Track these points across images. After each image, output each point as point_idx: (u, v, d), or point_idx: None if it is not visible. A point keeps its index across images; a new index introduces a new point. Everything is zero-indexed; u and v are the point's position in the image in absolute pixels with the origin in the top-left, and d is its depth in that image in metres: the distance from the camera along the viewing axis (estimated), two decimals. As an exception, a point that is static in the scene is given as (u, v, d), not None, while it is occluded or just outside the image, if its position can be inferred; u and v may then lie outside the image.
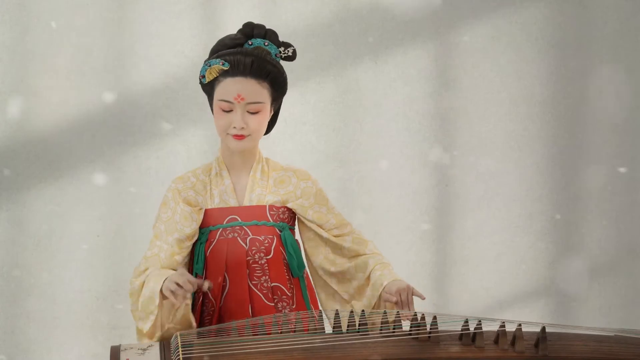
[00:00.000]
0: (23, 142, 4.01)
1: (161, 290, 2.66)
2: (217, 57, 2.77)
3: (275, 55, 2.80)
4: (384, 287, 2.77)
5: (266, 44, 2.79)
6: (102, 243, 4.04)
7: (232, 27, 2.89)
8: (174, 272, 2.70)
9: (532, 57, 4.26)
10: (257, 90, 2.77)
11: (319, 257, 2.92)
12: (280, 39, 2.84)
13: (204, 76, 2.79)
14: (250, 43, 2.79)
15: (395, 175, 4.21)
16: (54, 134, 4.03)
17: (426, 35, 4.19)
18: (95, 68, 4.02)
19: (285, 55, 2.82)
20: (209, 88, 2.81)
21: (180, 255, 2.81)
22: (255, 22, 2.87)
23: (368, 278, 2.85)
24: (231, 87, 2.75)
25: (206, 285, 2.68)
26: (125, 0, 4.02)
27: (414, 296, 2.74)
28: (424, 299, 2.74)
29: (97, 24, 4.01)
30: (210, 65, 2.77)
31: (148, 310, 2.70)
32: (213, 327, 2.68)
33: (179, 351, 2.48)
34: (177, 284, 2.62)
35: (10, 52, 3.98)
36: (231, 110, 2.77)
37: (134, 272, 2.82)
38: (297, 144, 4.12)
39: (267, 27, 2.85)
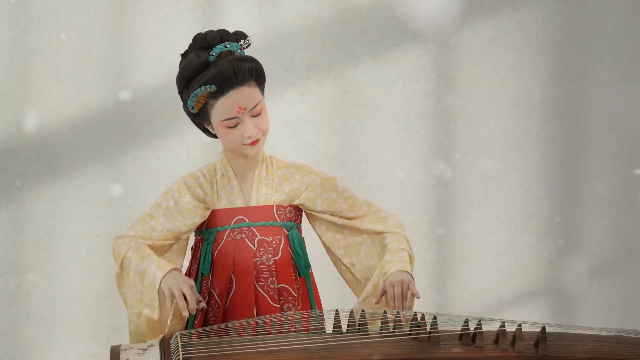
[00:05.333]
0: (23, 142, 4.01)
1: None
2: (196, 84, 2.74)
3: (238, 50, 2.77)
4: (386, 277, 2.74)
5: (227, 45, 2.75)
6: (102, 243, 4.04)
7: (232, 27, 2.89)
8: (179, 275, 2.69)
9: (532, 57, 4.26)
10: (251, 94, 2.76)
11: (339, 250, 2.91)
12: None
13: (192, 107, 2.77)
14: (213, 54, 2.74)
15: (395, 176, 4.21)
16: (54, 134, 4.03)
17: (426, 35, 4.19)
18: (95, 68, 4.02)
19: (247, 46, 2.79)
20: (199, 115, 2.79)
21: (173, 249, 2.82)
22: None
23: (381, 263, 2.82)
24: (229, 104, 2.74)
25: (201, 306, 2.69)
26: (125, 0, 4.02)
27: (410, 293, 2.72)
28: (418, 297, 2.72)
29: (97, 24, 4.01)
30: (196, 96, 2.74)
31: (151, 295, 2.71)
32: (213, 327, 2.68)
33: (179, 351, 2.48)
34: (184, 296, 2.63)
35: (10, 52, 3.98)
36: (237, 124, 2.77)
37: (116, 239, 2.83)
38: (297, 144, 4.12)
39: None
